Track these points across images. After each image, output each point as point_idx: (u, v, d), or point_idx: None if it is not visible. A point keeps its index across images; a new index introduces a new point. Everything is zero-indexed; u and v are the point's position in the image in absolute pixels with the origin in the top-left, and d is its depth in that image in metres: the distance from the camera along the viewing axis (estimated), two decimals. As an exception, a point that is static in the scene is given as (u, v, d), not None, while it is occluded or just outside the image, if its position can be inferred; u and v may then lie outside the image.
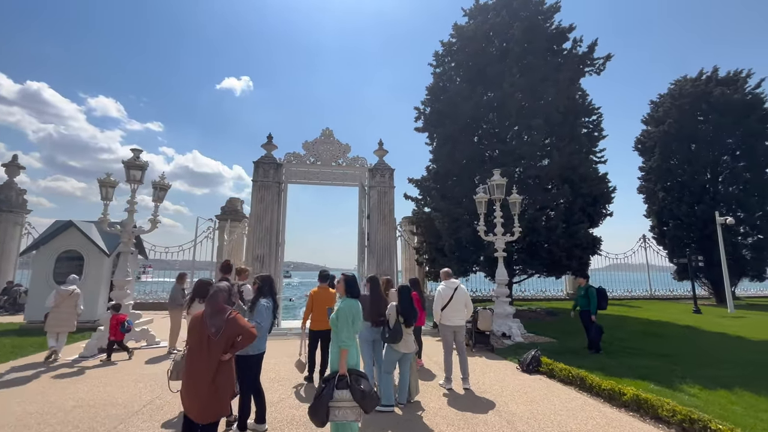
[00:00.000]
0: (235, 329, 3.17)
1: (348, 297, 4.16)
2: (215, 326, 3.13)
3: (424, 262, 16.46)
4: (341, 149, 16.28)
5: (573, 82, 13.09)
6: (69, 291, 7.70)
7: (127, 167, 8.78)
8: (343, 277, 4.38)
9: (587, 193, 12.08)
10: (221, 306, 3.22)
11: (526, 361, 6.76)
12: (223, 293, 3.31)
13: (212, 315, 3.22)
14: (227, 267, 5.63)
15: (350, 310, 3.95)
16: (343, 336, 3.85)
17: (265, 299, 4.25)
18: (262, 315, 4.15)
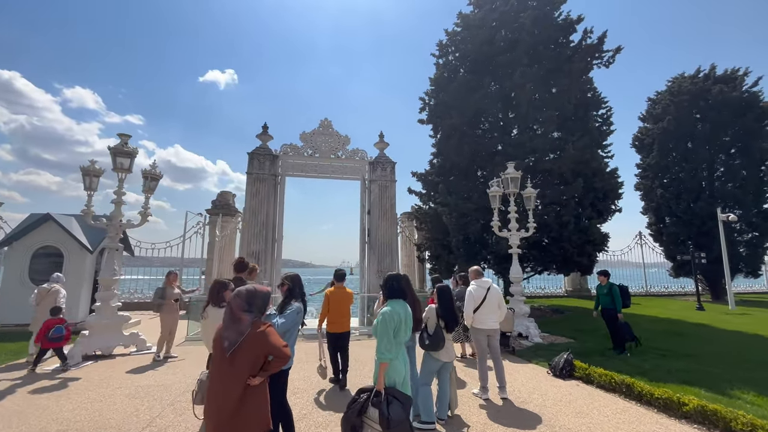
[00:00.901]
0: (264, 346, 2.52)
1: (392, 299, 3.57)
2: (228, 339, 2.48)
3: (426, 259, 15.96)
4: (340, 141, 15.56)
5: (584, 74, 12.71)
6: (47, 289, 7.19)
7: (114, 154, 7.90)
8: (387, 274, 3.78)
9: (599, 188, 11.77)
10: (237, 315, 2.57)
11: (559, 366, 6.30)
12: (239, 299, 2.66)
13: (226, 325, 2.58)
14: (242, 265, 4.96)
15: (392, 317, 3.35)
16: (382, 347, 3.26)
17: (297, 302, 3.61)
18: (291, 321, 3.51)
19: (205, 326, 3.59)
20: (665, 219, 19.91)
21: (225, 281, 3.88)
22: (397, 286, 3.64)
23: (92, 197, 7.88)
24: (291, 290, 3.82)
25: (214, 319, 3.49)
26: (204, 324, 3.58)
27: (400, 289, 3.66)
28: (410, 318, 3.61)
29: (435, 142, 14.99)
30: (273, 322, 3.77)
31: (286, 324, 3.39)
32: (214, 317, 3.51)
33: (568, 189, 11.12)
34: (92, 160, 7.95)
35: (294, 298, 3.64)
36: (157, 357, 7.19)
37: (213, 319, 3.51)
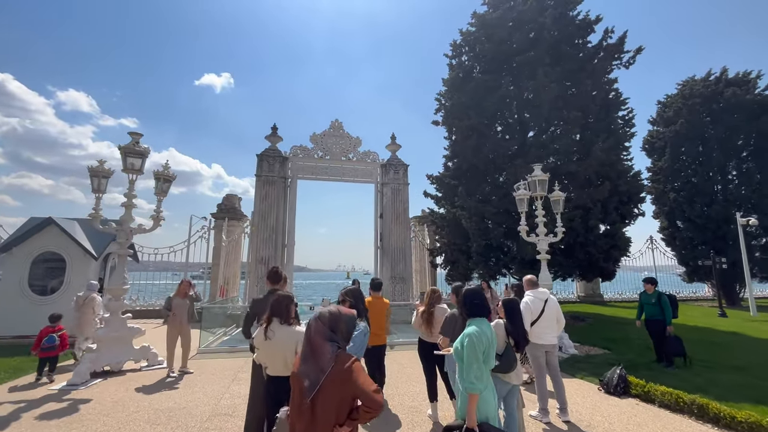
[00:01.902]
0: (350, 388, 1.98)
1: (476, 318, 3.08)
2: (308, 378, 1.96)
3: (440, 265, 15.48)
4: (352, 143, 15.10)
5: (605, 74, 12.39)
6: (83, 297, 7.59)
7: (125, 154, 7.37)
8: (464, 289, 3.30)
9: (624, 191, 11.38)
10: (318, 344, 2.05)
11: (613, 382, 5.82)
12: (321, 323, 2.13)
13: (304, 357, 2.06)
14: (277, 275, 4.43)
15: (481, 339, 2.86)
16: (471, 375, 2.77)
17: (362, 322, 3.11)
18: (359, 345, 3.01)
19: (271, 347, 3.08)
20: (677, 223, 19.63)
21: (290, 295, 3.35)
22: (480, 303, 3.15)
23: (100, 200, 7.33)
24: (354, 309, 3.33)
25: (284, 341, 3.05)
26: (268, 345, 3.07)
27: (483, 306, 3.17)
28: (495, 341, 3.13)
29: (450, 143, 14.57)
30: None
31: (354, 349, 2.89)
32: (284, 338, 3.06)
33: (594, 192, 10.72)
34: (101, 161, 7.41)
35: (358, 317, 3.14)
36: (171, 373, 6.63)
37: (283, 340, 3.06)
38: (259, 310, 4.20)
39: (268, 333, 3.06)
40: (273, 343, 3.04)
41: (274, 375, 3.08)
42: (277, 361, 3.06)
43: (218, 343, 9.68)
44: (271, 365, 3.10)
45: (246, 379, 6.35)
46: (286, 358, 3.03)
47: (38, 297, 9.11)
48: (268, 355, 3.10)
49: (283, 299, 3.26)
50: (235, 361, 7.78)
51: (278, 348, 3.03)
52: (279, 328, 3.10)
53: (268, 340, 3.04)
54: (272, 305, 3.22)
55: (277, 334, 3.07)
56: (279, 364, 3.05)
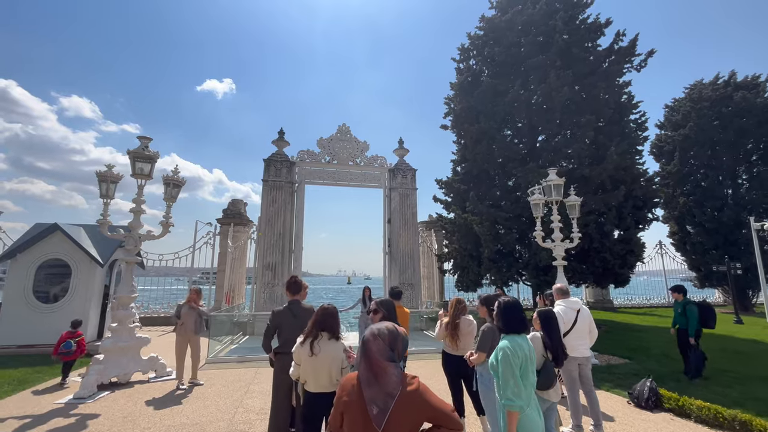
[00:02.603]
0: (425, 411, 1.77)
1: (511, 333, 2.87)
2: (377, 404, 1.73)
3: (449, 270, 15.24)
4: (359, 147, 14.94)
5: (618, 77, 12.23)
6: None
7: (134, 158, 7.19)
8: (501, 302, 3.08)
9: (639, 195, 11.17)
10: (381, 366, 1.82)
11: (644, 395, 5.56)
12: (381, 341, 1.92)
13: (368, 381, 1.84)
14: (297, 285, 4.22)
15: (516, 352, 2.66)
16: (509, 391, 2.56)
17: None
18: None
19: (317, 363, 2.91)
20: (687, 228, 19.40)
21: (332, 308, 3.17)
22: (520, 317, 2.93)
23: (108, 206, 7.14)
24: (385, 320, 3.11)
25: (332, 356, 2.90)
26: (313, 361, 2.88)
27: (522, 321, 2.95)
28: (534, 355, 2.92)
29: (459, 148, 14.42)
30: None
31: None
32: (331, 353, 2.90)
33: (608, 197, 10.51)
34: (109, 165, 7.22)
35: None
36: (180, 385, 6.39)
37: (331, 355, 2.91)
38: (280, 323, 3.99)
39: (315, 348, 2.89)
40: (320, 358, 2.88)
41: (315, 392, 2.91)
42: (322, 377, 2.90)
43: (226, 352, 9.43)
44: (314, 381, 2.93)
45: (259, 392, 6.14)
46: (332, 374, 2.89)
47: (43, 305, 8.90)
48: (312, 370, 2.92)
49: (331, 313, 3.10)
50: (245, 371, 7.54)
51: (325, 363, 2.89)
52: (326, 343, 2.95)
53: (314, 355, 2.87)
54: (320, 319, 3.06)
55: (324, 349, 2.91)
56: (324, 380, 2.90)
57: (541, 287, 11.24)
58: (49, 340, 8.72)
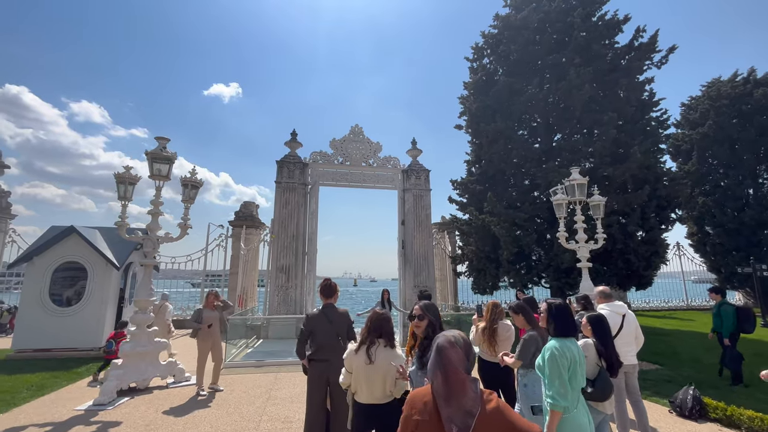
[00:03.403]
0: (508, 430, 1.58)
1: (560, 337, 2.68)
2: (456, 424, 1.51)
3: (464, 273, 14.97)
4: (372, 148, 14.75)
5: (638, 74, 11.94)
6: (158, 304, 8.21)
7: (152, 159, 7.08)
8: (550, 305, 2.88)
9: (663, 195, 10.84)
10: (460, 379, 1.61)
11: (687, 404, 5.28)
12: (459, 351, 1.71)
13: (444, 396, 1.62)
14: (330, 289, 4.03)
15: (564, 353, 2.51)
16: (553, 390, 2.44)
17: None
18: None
19: (372, 371, 2.75)
20: (707, 229, 18.93)
21: (386, 314, 3.01)
22: (570, 320, 2.75)
23: (126, 208, 7.02)
24: (433, 327, 2.88)
25: (387, 365, 2.73)
26: (368, 369, 2.73)
27: (571, 325, 2.76)
28: (584, 361, 2.72)
29: (474, 148, 14.17)
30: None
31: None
32: (387, 361, 2.73)
33: (633, 197, 10.21)
34: (127, 166, 7.10)
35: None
36: (201, 391, 6.22)
37: (386, 363, 2.75)
38: (314, 327, 3.80)
39: (371, 355, 2.72)
40: (375, 367, 2.71)
41: (367, 403, 2.72)
42: (376, 387, 2.72)
43: (242, 357, 9.27)
44: (366, 391, 2.74)
45: (282, 399, 5.95)
46: (387, 384, 2.71)
47: (59, 308, 8.81)
48: (366, 380, 2.74)
49: (387, 318, 2.93)
50: (264, 376, 7.36)
51: (380, 372, 2.71)
52: (382, 351, 2.77)
53: (371, 364, 2.70)
54: (375, 324, 2.88)
55: (379, 357, 2.73)
56: (378, 390, 2.72)
57: (563, 290, 10.94)
58: (66, 344, 8.66)
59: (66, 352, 8.57)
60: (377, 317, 2.99)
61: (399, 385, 2.81)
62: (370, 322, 3.00)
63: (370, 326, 2.95)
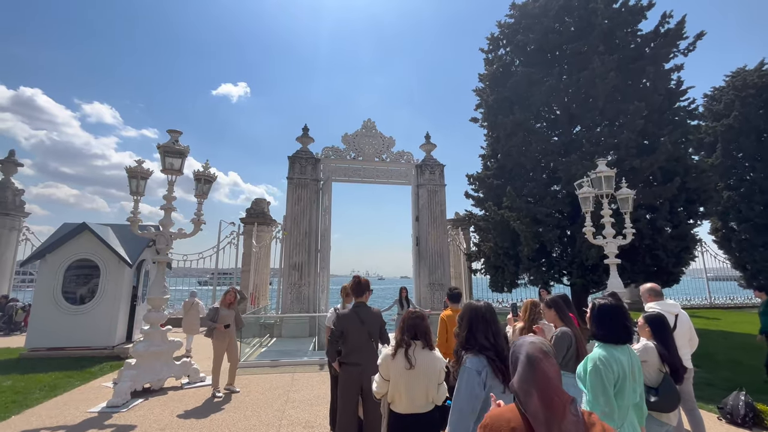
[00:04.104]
0: None
1: (609, 343, 2.32)
2: None
3: (480, 270, 14.58)
4: (385, 143, 14.42)
5: (665, 61, 11.39)
6: (190, 302, 9.06)
7: (164, 153, 6.85)
8: (597, 304, 2.52)
9: (693, 188, 10.32)
10: (563, 399, 1.27)
11: (739, 411, 4.87)
12: (553, 360, 1.37)
13: (551, 424, 1.27)
14: (361, 287, 3.73)
15: (611, 364, 2.16)
16: (598, 410, 2.09)
17: (473, 355, 2.24)
18: (469, 391, 2.15)
19: (412, 377, 2.48)
20: (731, 224, 18.22)
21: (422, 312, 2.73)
22: (621, 322, 2.37)
23: (138, 203, 6.80)
24: (472, 330, 2.52)
25: (429, 369, 2.49)
26: (408, 375, 2.46)
27: (623, 328, 2.39)
28: (640, 371, 2.36)
29: (490, 141, 13.76)
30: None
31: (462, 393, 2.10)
32: (429, 365, 2.49)
33: (662, 189, 9.73)
34: (139, 160, 6.89)
35: (472, 345, 2.25)
36: (217, 393, 5.98)
37: (428, 368, 2.50)
38: (346, 328, 3.50)
39: (411, 358, 2.43)
40: (416, 371, 2.42)
41: (407, 413, 2.42)
42: (417, 394, 2.43)
43: (256, 356, 9.04)
44: (407, 400, 2.45)
45: (301, 401, 5.68)
46: (429, 390, 2.43)
47: (72, 306, 8.68)
48: (406, 387, 2.45)
49: (422, 316, 2.65)
50: (280, 377, 7.11)
51: (421, 378, 2.45)
52: (422, 353, 2.49)
53: (412, 368, 2.41)
54: (411, 323, 2.59)
55: (419, 360, 2.44)
56: (420, 399, 2.44)
57: (587, 287, 10.51)
58: (79, 342, 8.52)
59: (79, 351, 8.42)
60: (410, 316, 2.72)
61: (441, 390, 2.54)
62: (403, 322, 2.72)
63: (403, 327, 2.67)
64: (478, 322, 2.40)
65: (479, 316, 2.42)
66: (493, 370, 2.16)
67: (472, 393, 2.14)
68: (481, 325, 2.38)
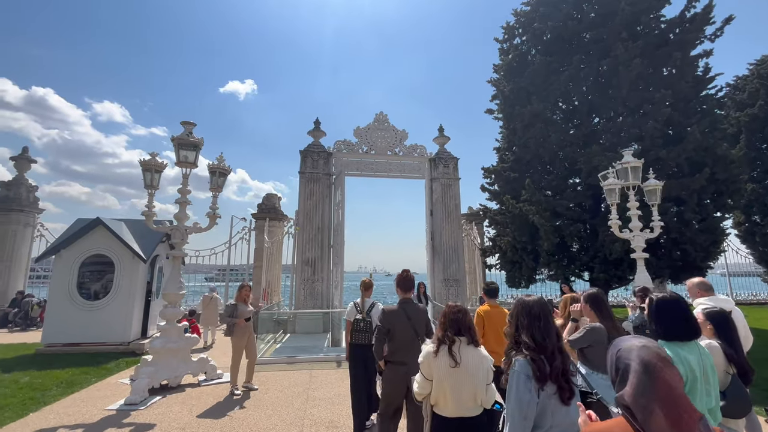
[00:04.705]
0: None
1: (674, 341, 2.08)
2: None
3: (495, 266, 14.29)
4: (397, 136, 14.14)
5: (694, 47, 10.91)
6: (209, 297, 9.82)
7: (178, 145, 6.69)
8: (655, 299, 2.28)
9: (722, 179, 9.88)
10: (694, 417, 1.01)
11: (790, 414, 4.57)
12: (673, 371, 1.11)
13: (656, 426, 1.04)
14: (409, 282, 3.63)
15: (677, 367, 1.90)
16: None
17: (523, 357, 1.98)
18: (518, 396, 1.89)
19: (458, 376, 2.30)
20: (754, 218, 17.62)
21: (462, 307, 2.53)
22: (685, 317, 2.14)
23: (153, 196, 6.66)
24: (520, 329, 2.25)
25: (476, 368, 2.31)
26: (453, 374, 2.28)
27: (689, 323, 2.15)
28: (713, 370, 2.11)
29: (506, 133, 13.41)
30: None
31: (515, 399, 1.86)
32: (475, 363, 2.31)
33: (690, 181, 9.32)
34: (153, 153, 6.74)
35: (524, 345, 1.97)
36: (235, 390, 5.83)
37: (475, 366, 2.31)
38: (393, 324, 3.30)
39: (456, 356, 2.24)
40: (462, 370, 2.23)
41: (453, 416, 2.23)
42: (464, 395, 2.24)
43: (272, 352, 8.91)
44: (453, 402, 2.26)
45: (321, 400, 5.50)
46: (477, 391, 2.24)
47: (87, 302, 8.62)
48: (452, 387, 2.25)
49: (464, 310, 2.43)
50: (298, 374, 6.95)
51: (469, 378, 2.26)
52: (467, 350, 2.29)
53: (457, 366, 2.22)
54: (453, 318, 2.38)
55: (464, 357, 2.25)
56: (467, 400, 2.24)
57: (610, 283, 10.17)
58: (95, 338, 8.46)
59: (95, 347, 8.36)
60: (452, 310, 2.51)
61: (490, 392, 2.34)
62: (444, 317, 2.51)
63: (445, 322, 2.46)
64: (525, 318, 2.15)
65: (527, 312, 2.17)
66: (537, 373, 1.91)
67: (522, 399, 1.89)
68: (528, 321, 2.14)
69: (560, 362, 1.91)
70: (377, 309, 4.47)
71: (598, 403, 2.52)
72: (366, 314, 4.52)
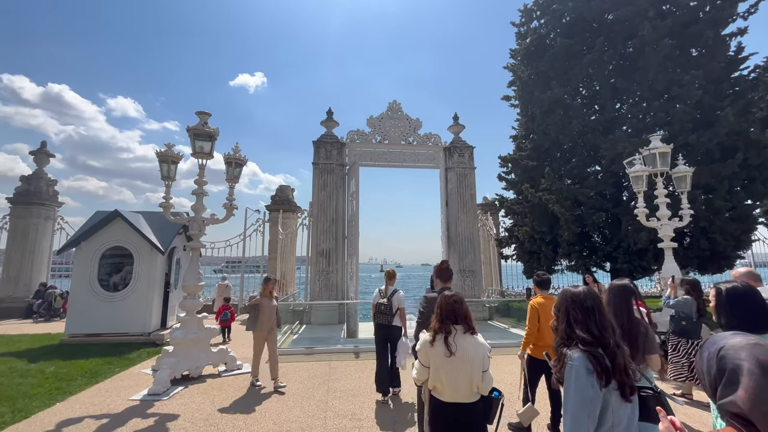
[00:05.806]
0: None
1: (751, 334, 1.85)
2: None
3: (512, 256, 14.05)
4: (411, 125, 13.88)
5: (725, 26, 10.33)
6: (224, 284, 11.17)
7: (194, 136, 6.61)
8: (724, 289, 2.07)
9: (756, 165, 9.41)
10: None
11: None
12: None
13: None
14: (448, 272, 3.69)
15: None
16: None
17: (579, 351, 1.78)
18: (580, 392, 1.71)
19: (454, 364, 2.43)
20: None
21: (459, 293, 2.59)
22: (758, 308, 1.93)
23: (170, 187, 6.62)
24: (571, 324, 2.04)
25: (472, 355, 2.40)
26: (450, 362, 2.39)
27: (764, 314, 1.94)
28: None
29: (524, 120, 13.03)
30: None
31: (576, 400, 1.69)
32: (471, 351, 2.42)
33: (721, 167, 8.89)
34: (169, 144, 6.68)
35: (578, 340, 1.79)
36: (256, 382, 5.81)
37: (470, 354, 2.41)
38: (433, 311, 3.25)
39: (452, 345, 2.31)
40: (458, 359, 2.32)
41: (450, 401, 2.36)
42: (460, 383, 2.34)
43: (289, 343, 8.93)
44: (450, 389, 2.36)
45: (343, 391, 5.44)
46: (473, 379, 2.33)
47: (107, 293, 8.74)
48: (448, 375, 2.35)
49: (459, 299, 2.49)
50: (317, 365, 6.92)
51: (464, 365, 2.33)
52: (463, 339, 2.37)
53: (453, 355, 2.30)
54: (448, 308, 2.45)
55: (460, 346, 2.34)
56: (463, 387, 2.34)
57: (633, 273, 9.85)
58: (116, 329, 8.59)
59: (117, 337, 8.50)
60: (446, 300, 2.55)
61: (486, 379, 2.39)
62: (439, 307, 2.53)
63: (441, 313, 2.50)
64: (578, 313, 1.97)
65: (579, 305, 1.98)
66: (599, 368, 1.74)
67: (584, 395, 1.72)
68: (583, 316, 1.96)
69: (622, 357, 1.76)
70: (398, 295, 5.19)
71: (655, 397, 2.34)
72: (387, 299, 5.11)
